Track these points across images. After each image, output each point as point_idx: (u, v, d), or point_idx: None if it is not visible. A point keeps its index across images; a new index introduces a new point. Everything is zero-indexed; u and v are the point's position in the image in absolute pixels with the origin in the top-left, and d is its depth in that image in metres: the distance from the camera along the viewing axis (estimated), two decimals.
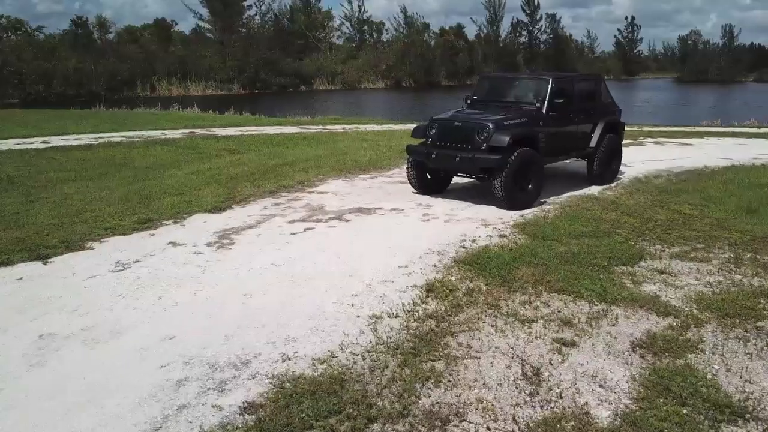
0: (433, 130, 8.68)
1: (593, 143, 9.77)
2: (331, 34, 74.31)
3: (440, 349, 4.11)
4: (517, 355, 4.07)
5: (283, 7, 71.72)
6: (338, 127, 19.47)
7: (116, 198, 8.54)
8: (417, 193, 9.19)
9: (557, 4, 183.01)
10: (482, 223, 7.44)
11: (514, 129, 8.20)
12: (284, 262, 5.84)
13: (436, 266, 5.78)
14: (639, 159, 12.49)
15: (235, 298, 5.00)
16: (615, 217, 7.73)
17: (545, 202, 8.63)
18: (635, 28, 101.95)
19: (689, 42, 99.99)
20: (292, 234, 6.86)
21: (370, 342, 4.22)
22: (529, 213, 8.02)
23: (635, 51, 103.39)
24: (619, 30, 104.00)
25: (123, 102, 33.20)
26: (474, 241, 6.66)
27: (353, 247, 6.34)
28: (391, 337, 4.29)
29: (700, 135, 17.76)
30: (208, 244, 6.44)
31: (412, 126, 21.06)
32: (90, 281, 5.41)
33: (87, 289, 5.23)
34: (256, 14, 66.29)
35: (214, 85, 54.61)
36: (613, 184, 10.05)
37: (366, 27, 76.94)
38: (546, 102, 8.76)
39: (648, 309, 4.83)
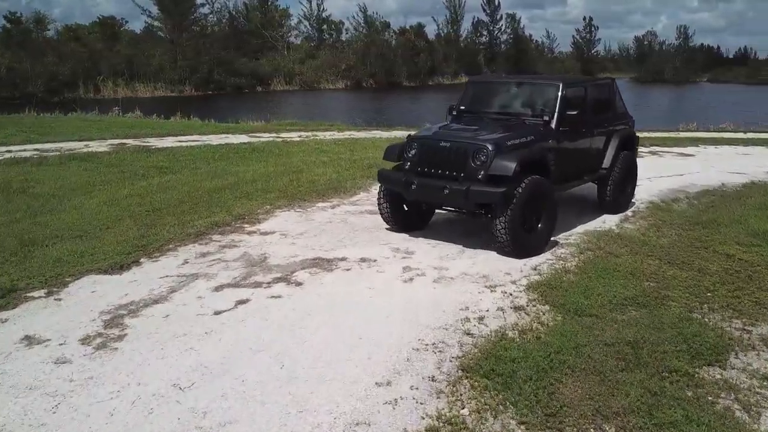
0: (413, 152, 6.64)
1: (606, 163, 7.89)
2: (289, 33, 71.63)
3: None
4: None
5: (238, 5, 68.57)
6: (294, 135, 17.25)
7: None
8: (391, 229, 7.15)
9: (514, 5, 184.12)
10: (485, 284, 5.42)
11: (520, 151, 6.22)
12: (192, 383, 3.68)
13: (435, 381, 3.72)
14: (644, 176, 10.67)
15: None
16: (655, 268, 5.82)
17: (556, 242, 6.70)
18: (593, 29, 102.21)
19: (645, 43, 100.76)
20: (215, 314, 4.70)
21: None
22: (542, 262, 6.06)
23: (593, 51, 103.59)
24: (577, 30, 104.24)
25: (60, 105, 30.18)
26: (482, 320, 4.64)
27: (306, 344, 4.22)
28: None
29: (692, 142, 16.17)
30: (84, 341, 4.23)
31: (376, 133, 19.14)
32: None
33: None
34: (210, 12, 63.28)
35: (164, 87, 51.50)
36: (629, 212, 8.20)
37: (325, 26, 74.43)
38: (556, 114, 6.82)
39: None
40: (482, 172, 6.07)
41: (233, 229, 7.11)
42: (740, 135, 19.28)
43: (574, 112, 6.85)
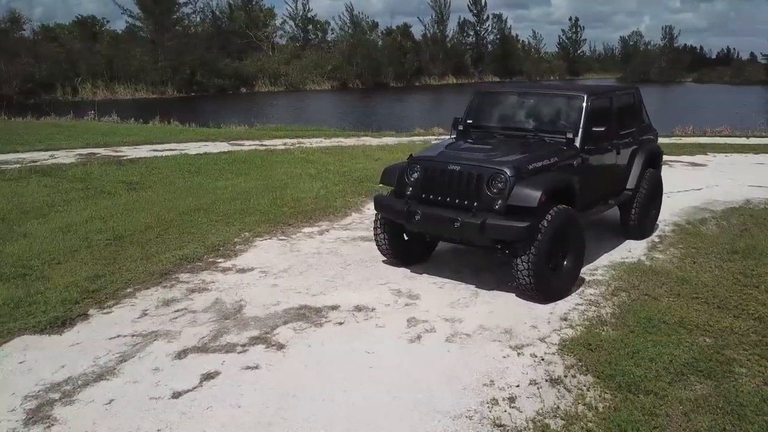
0: (415, 175, 5.66)
1: (631, 184, 6.96)
2: (274, 34, 70.28)
3: None
4: None
5: (221, 4, 67.05)
6: (278, 143, 16.19)
7: None
8: (389, 262, 6.18)
9: (498, 5, 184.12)
10: (509, 342, 4.45)
11: (544, 176, 5.27)
12: None
13: None
14: None
15: None
16: (706, 317, 4.89)
17: (582, 279, 5.75)
18: (579, 29, 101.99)
19: (631, 43, 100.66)
20: (173, 397, 3.67)
21: None
22: (571, 308, 5.11)
23: (579, 52, 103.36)
24: (563, 31, 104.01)
25: (34, 108, 28.78)
26: (513, 401, 3.66)
27: None
28: None
29: (698, 149, 15.34)
30: None
31: (365, 140, 18.11)
32: None
33: None
34: (192, 12, 61.80)
35: (146, 88, 50.10)
36: (655, 237, 7.29)
37: (311, 26, 73.18)
38: (580, 130, 5.87)
39: None
40: (500, 202, 5.11)
41: (205, 265, 6.08)
42: (743, 140, 18.53)
43: (601, 129, 5.90)
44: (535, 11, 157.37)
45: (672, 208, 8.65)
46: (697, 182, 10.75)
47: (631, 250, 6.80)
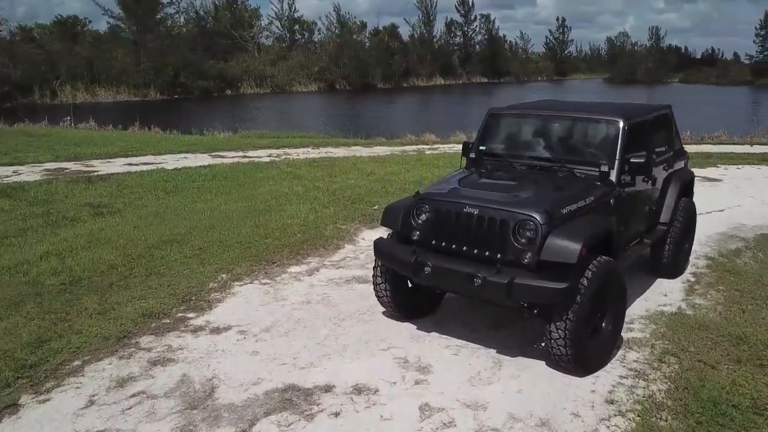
0: (424, 217, 4.73)
1: (666, 216, 6.08)
2: (260, 34, 69.02)
3: None
4: None
5: (206, 4, 65.48)
6: (263, 154, 15.19)
7: None
8: (389, 314, 5.26)
9: (485, 5, 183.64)
10: None
11: (582, 222, 4.37)
12: None
13: None
14: None
15: None
16: None
17: (620, 337, 4.85)
18: (566, 30, 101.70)
19: (618, 43, 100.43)
20: None
21: None
22: (615, 382, 4.21)
23: (566, 52, 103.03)
24: (550, 31, 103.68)
25: (7, 114, 27.46)
26: None
27: None
28: None
29: (705, 160, 14.51)
30: None
31: (355, 150, 17.12)
32: None
33: None
34: (176, 12, 60.39)
35: (128, 90, 48.77)
36: (689, 275, 6.43)
37: (297, 26, 71.91)
38: (617, 161, 4.98)
39: None
40: (529, 255, 4.20)
41: (173, 322, 5.11)
42: (747, 148, 17.83)
43: (641, 160, 5.00)
44: (521, 11, 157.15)
45: (698, 235, 7.74)
46: (717, 201, 9.92)
47: (667, 294, 5.92)
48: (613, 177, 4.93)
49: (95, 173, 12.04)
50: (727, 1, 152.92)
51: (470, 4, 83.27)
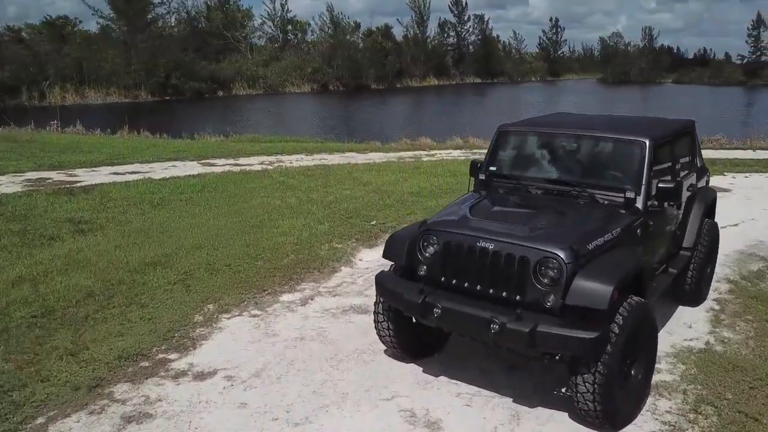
0: (432, 250, 4.24)
1: (689, 241, 5.62)
2: (252, 34, 68.31)
3: None
4: None
5: (198, 4, 64.80)
6: (254, 162, 14.65)
7: None
8: (391, 353, 4.77)
9: (477, 5, 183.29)
10: None
11: (613, 263, 3.88)
12: None
13: None
14: None
15: None
16: None
17: None
18: (559, 30, 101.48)
19: (611, 44, 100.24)
20: None
21: None
22: None
23: (559, 53, 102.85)
24: (543, 31, 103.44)
25: None
26: None
27: None
28: None
29: (711, 166, 14.04)
30: None
31: (350, 156, 16.64)
32: None
33: None
34: (167, 12, 59.63)
35: (118, 91, 48.04)
36: (713, 302, 5.98)
37: (290, 27, 71.25)
38: (643, 186, 4.50)
39: None
40: (552, 298, 3.72)
41: (152, 366, 4.60)
42: (750, 153, 17.49)
43: (670, 185, 4.53)
44: (514, 11, 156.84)
45: None
46: (729, 214, 9.46)
47: (692, 325, 5.46)
48: (639, 204, 4.46)
49: (78, 184, 11.46)
50: (719, 1, 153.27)
51: (464, 4, 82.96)
